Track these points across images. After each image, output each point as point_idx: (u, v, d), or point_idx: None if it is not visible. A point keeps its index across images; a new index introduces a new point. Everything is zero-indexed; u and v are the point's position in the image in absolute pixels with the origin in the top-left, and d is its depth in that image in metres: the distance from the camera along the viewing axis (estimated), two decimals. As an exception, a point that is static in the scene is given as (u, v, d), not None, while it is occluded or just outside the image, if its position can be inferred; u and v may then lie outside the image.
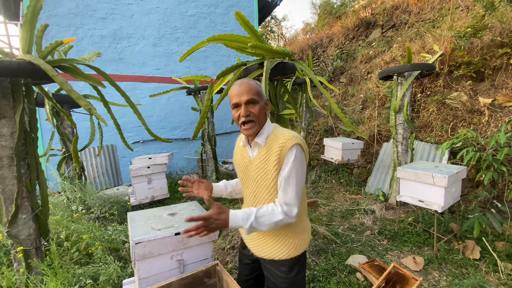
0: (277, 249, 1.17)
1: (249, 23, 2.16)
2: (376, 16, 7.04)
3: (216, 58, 6.67)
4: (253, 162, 1.17)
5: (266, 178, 1.12)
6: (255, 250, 1.24)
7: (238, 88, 1.09)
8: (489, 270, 2.31)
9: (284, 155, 1.06)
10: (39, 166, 1.98)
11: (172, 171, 6.29)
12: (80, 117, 4.81)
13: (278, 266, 1.20)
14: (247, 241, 1.29)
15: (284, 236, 1.18)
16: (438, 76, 4.54)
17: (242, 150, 1.26)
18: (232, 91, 1.11)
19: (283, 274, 1.19)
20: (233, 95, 1.10)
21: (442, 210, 2.46)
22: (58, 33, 5.09)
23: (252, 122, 1.10)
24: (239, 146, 1.30)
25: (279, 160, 1.07)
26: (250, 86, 1.09)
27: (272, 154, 1.09)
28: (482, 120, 3.68)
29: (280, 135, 1.11)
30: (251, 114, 1.09)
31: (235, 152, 1.33)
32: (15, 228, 1.86)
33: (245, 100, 1.07)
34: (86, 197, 3.41)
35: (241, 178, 1.27)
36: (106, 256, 2.15)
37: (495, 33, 3.94)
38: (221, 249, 2.80)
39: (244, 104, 1.08)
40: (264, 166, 1.12)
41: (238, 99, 1.08)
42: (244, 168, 1.22)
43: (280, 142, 1.07)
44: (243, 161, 1.23)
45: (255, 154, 1.17)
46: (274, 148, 1.08)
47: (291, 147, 1.05)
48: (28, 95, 1.88)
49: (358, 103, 5.94)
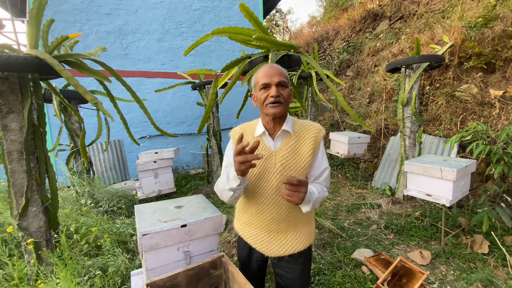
0: (297, 241, 1.17)
1: (254, 15, 2.13)
2: (383, 7, 6.89)
3: (220, 52, 6.63)
4: (277, 153, 1.12)
5: (297, 166, 1.11)
6: (270, 251, 1.17)
7: (269, 70, 1.08)
8: (498, 265, 2.28)
9: (318, 143, 1.13)
10: (48, 160, 2.01)
11: (178, 166, 6.34)
12: (87, 112, 4.86)
13: (295, 259, 1.19)
14: (259, 244, 1.19)
15: (302, 226, 1.19)
16: (447, 68, 4.43)
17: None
18: (261, 73, 1.09)
19: (300, 265, 1.20)
20: (262, 76, 1.08)
21: (450, 204, 2.42)
22: (64, 30, 5.13)
23: (280, 103, 1.07)
24: (249, 137, 1.18)
25: (314, 148, 1.12)
26: (281, 70, 1.09)
27: (305, 143, 1.12)
28: (493, 113, 3.59)
29: (308, 125, 1.17)
30: (281, 96, 1.06)
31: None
32: (26, 221, 1.90)
33: (276, 82, 1.06)
34: (94, 191, 3.47)
35: (256, 173, 1.13)
36: (114, 248, 2.19)
37: (507, 23, 3.81)
38: (227, 242, 2.83)
39: (275, 85, 1.05)
40: (294, 155, 1.11)
41: (269, 79, 1.06)
42: (262, 161, 1.12)
43: (313, 132, 1.14)
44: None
45: (279, 145, 1.13)
46: (308, 137, 1.13)
47: (322, 136, 1.15)
48: (35, 90, 1.91)
49: (365, 96, 5.85)
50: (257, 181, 1.14)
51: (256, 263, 1.27)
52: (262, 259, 1.25)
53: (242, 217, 1.27)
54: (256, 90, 1.12)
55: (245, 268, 1.32)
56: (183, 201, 1.76)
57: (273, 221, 1.16)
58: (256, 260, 1.27)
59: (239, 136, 0.92)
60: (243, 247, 1.29)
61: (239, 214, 1.30)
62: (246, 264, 1.31)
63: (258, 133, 1.15)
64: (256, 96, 1.13)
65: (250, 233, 1.22)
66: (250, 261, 1.29)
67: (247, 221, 1.24)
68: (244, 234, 1.25)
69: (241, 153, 0.91)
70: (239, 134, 0.93)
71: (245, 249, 1.27)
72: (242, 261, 1.34)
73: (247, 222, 1.24)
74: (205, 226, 1.50)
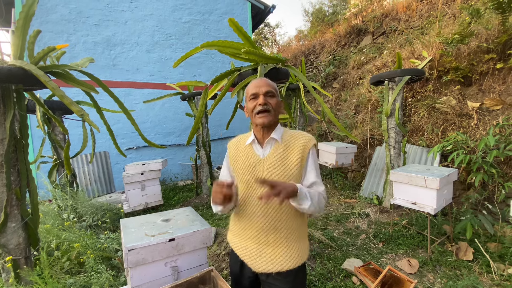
0: (286, 258, 1.12)
1: (243, 30, 2.19)
2: (366, 23, 7.21)
3: (210, 64, 6.70)
4: (265, 161, 1.14)
5: (284, 175, 1.11)
6: (258, 266, 1.15)
7: (258, 82, 1.15)
8: (482, 271, 2.34)
9: (306, 153, 1.14)
10: (30, 173, 1.94)
11: (166, 177, 6.23)
12: (72, 123, 4.75)
13: (284, 277, 1.13)
14: (248, 257, 1.18)
15: (293, 241, 1.14)
16: (427, 81, 4.64)
17: (247, 151, 1.20)
18: (250, 85, 1.17)
19: (289, 284, 1.14)
20: (251, 87, 1.15)
21: (434, 212, 2.49)
22: (51, 40, 5.06)
23: (268, 112, 1.12)
24: (241, 146, 1.23)
25: (302, 158, 1.13)
26: (269, 82, 1.17)
27: (293, 152, 1.14)
28: (471, 124, 3.77)
29: (298, 134, 1.19)
30: (268, 104, 1.12)
31: (235, 153, 1.24)
32: (4, 237, 1.81)
33: (264, 91, 1.12)
34: (77, 205, 3.34)
35: (245, 180, 1.17)
36: (98, 265, 2.10)
37: (481, 39, 4.07)
38: (216, 256, 2.77)
39: (263, 95, 1.12)
40: (281, 164, 1.12)
41: (257, 89, 1.13)
42: (250, 168, 1.16)
43: (302, 141, 1.15)
44: (248, 161, 1.17)
45: (268, 153, 1.15)
46: (296, 146, 1.14)
47: (312, 146, 1.16)
48: (19, 101, 1.86)
49: (351, 108, 6.02)
50: (247, 188, 1.17)
51: (248, 279, 1.22)
52: (253, 276, 1.20)
53: (234, 227, 1.26)
54: (246, 101, 1.18)
55: (238, 284, 1.27)
56: (171, 214, 1.73)
57: (262, 231, 1.14)
58: (248, 277, 1.22)
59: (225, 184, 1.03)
60: (234, 261, 1.25)
61: (231, 224, 1.30)
62: (238, 280, 1.26)
63: (249, 142, 1.20)
64: (246, 106, 1.19)
65: (240, 244, 1.21)
66: (242, 277, 1.24)
67: (237, 232, 1.23)
68: (235, 246, 1.24)
69: (219, 185, 1.03)
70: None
71: (237, 263, 1.23)
72: (234, 277, 1.29)
73: (238, 233, 1.23)
74: (193, 239, 1.47)
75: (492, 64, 3.87)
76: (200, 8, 6.51)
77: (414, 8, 6.22)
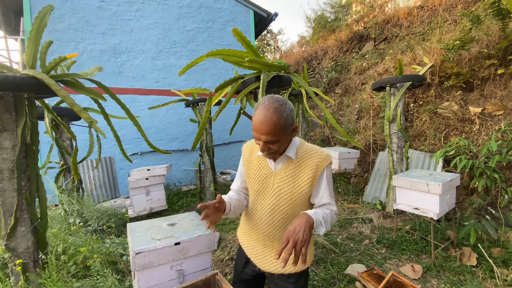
0: (290, 262, 1.10)
1: (246, 39, 2.25)
2: (368, 29, 7.29)
3: (214, 71, 6.80)
4: (276, 174, 1.13)
5: (293, 192, 1.10)
6: (263, 265, 1.21)
7: (259, 125, 0.98)
8: (486, 277, 2.33)
9: (319, 172, 1.09)
10: (39, 178, 2.00)
11: (170, 183, 6.28)
12: (78, 129, 4.83)
13: (286, 278, 1.20)
14: (254, 255, 1.25)
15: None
16: (429, 86, 4.67)
17: (259, 160, 1.20)
18: (255, 121, 1.00)
19: (292, 285, 1.20)
20: (254, 126, 1.01)
21: (437, 217, 2.50)
22: (59, 48, 5.19)
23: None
24: (254, 155, 1.22)
25: (314, 177, 1.09)
26: (271, 126, 0.97)
27: (305, 170, 1.09)
28: (473, 129, 3.78)
29: (313, 152, 1.11)
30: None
31: (249, 160, 1.24)
32: (14, 241, 1.86)
33: (264, 140, 1.01)
34: (83, 210, 3.39)
35: (255, 189, 1.19)
36: (104, 269, 2.14)
37: (482, 45, 4.10)
38: (220, 261, 2.79)
39: (263, 142, 1.01)
40: (292, 180, 1.10)
41: (258, 136, 1.01)
42: (262, 179, 1.17)
43: (315, 161, 1.09)
44: (260, 172, 1.18)
45: (280, 167, 1.13)
46: (308, 165, 1.09)
47: (326, 166, 1.10)
48: (30, 109, 1.93)
49: (353, 113, 6.05)
50: (257, 196, 1.21)
51: (252, 273, 1.29)
52: (257, 271, 1.27)
53: (243, 226, 1.33)
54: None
55: (240, 278, 1.35)
56: (176, 219, 1.77)
57: (267, 238, 1.20)
58: (251, 271, 1.28)
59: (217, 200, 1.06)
60: (240, 256, 1.34)
61: (241, 222, 1.37)
62: (240, 275, 1.34)
63: (261, 153, 1.12)
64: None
65: (248, 243, 1.28)
66: (244, 272, 1.32)
67: (246, 231, 1.30)
68: (243, 243, 1.31)
69: (207, 206, 1.03)
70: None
71: (242, 258, 1.31)
72: (237, 270, 1.36)
73: (246, 232, 1.30)
74: (198, 243, 1.51)
75: (493, 70, 3.90)
76: (204, 17, 6.64)
77: (415, 14, 6.29)
